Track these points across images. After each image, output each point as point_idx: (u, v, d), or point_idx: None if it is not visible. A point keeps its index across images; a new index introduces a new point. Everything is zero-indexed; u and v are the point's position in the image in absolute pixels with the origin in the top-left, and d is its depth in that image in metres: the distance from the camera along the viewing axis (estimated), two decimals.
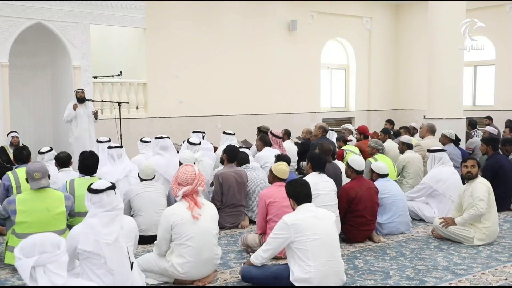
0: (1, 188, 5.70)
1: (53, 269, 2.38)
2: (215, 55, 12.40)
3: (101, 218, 3.50)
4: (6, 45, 9.48)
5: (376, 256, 4.95)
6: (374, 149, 7.17)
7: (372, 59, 15.54)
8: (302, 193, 3.97)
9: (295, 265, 3.77)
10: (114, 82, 11.23)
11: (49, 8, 9.85)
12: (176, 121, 11.90)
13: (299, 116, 14.01)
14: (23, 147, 6.35)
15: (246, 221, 6.15)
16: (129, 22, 11.04)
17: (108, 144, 6.75)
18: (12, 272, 4.45)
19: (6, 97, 9.58)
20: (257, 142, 7.78)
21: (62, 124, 9.93)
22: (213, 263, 4.23)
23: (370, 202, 5.36)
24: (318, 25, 14.22)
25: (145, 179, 5.52)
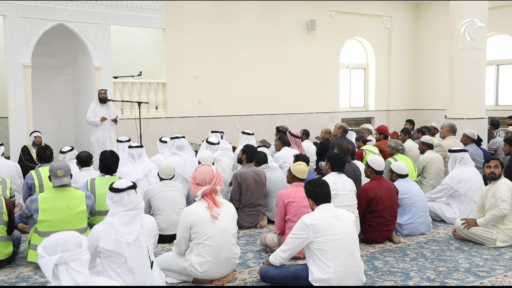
0: (24, 186, 5.81)
1: (75, 267, 2.41)
2: (234, 55, 12.43)
3: (121, 217, 3.53)
4: (29, 46, 9.65)
5: (396, 257, 4.91)
6: (394, 149, 7.11)
7: (392, 58, 15.41)
8: (321, 193, 3.96)
9: (314, 265, 3.76)
10: (134, 82, 11.33)
11: (71, 9, 9.99)
12: (195, 121, 11.96)
13: (318, 116, 13.96)
14: (46, 146, 6.45)
15: (264, 221, 6.14)
16: (149, 22, 11.13)
17: (128, 144, 6.81)
18: (35, 270, 4.52)
19: (28, 97, 9.74)
20: (276, 142, 7.77)
21: (83, 124, 10.06)
22: (232, 263, 4.23)
23: (390, 202, 5.32)
24: (337, 25, 14.15)
25: (165, 179, 5.55)
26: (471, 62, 9.33)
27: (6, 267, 4.63)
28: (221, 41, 12.23)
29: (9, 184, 5.63)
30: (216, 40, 12.16)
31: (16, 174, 6.68)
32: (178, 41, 11.61)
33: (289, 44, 13.31)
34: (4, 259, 4.60)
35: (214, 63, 12.13)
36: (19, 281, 4.29)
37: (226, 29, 12.31)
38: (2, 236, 4.57)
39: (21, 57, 9.60)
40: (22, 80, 9.63)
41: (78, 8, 10.07)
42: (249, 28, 12.66)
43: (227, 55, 12.33)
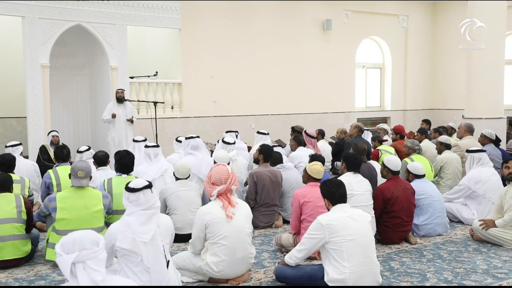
0: (42, 186, 5.88)
1: (92, 265, 2.43)
2: (249, 55, 12.44)
3: (138, 217, 3.55)
4: (47, 47, 9.76)
5: (413, 258, 4.87)
6: (410, 149, 7.06)
7: (409, 57, 15.28)
8: (337, 193, 3.94)
9: (329, 266, 3.75)
10: (150, 82, 11.40)
11: (88, 10, 10.08)
12: (210, 120, 12.00)
13: (333, 115, 13.91)
14: (63, 146, 6.52)
15: (280, 221, 6.14)
16: (165, 23, 11.19)
17: (144, 144, 6.86)
18: (53, 268, 4.57)
19: (47, 97, 9.86)
20: (291, 141, 7.76)
21: (100, 124, 10.15)
22: (247, 262, 4.24)
23: (407, 202, 5.28)
24: (353, 24, 14.09)
25: (180, 178, 5.57)
26: (489, 61, 9.22)
27: (25, 265, 4.70)
28: (236, 41, 12.25)
29: (27, 183, 5.71)
30: (232, 40, 12.18)
31: (35, 173, 6.76)
32: (194, 41, 11.66)
33: (304, 44, 13.29)
34: (23, 257, 4.66)
35: (229, 63, 12.15)
36: (37, 279, 4.34)
37: (242, 29, 12.33)
38: (21, 234, 4.63)
39: (40, 58, 9.71)
40: (41, 80, 9.75)
41: (95, 9, 10.16)
42: (265, 27, 12.66)
43: (242, 55, 12.34)
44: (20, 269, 4.60)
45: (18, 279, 4.36)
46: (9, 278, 4.37)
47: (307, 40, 13.33)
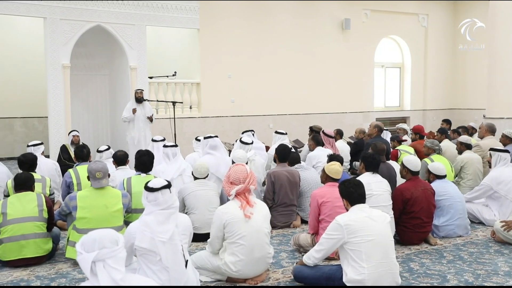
0: (63, 185, 5.96)
1: (112, 264, 2.45)
2: (267, 54, 12.44)
3: (156, 216, 3.57)
4: (68, 47, 9.90)
5: (433, 259, 4.82)
6: (430, 149, 6.98)
7: (429, 57, 15.14)
8: (355, 193, 3.91)
9: (348, 266, 3.72)
10: (169, 82, 11.48)
11: (108, 11, 10.19)
12: (228, 120, 12.03)
13: (352, 115, 13.84)
14: (83, 145, 6.59)
15: (298, 221, 6.12)
16: (184, 23, 11.25)
17: (163, 143, 6.90)
18: (73, 266, 4.62)
19: (67, 97, 10.00)
20: (309, 141, 7.73)
21: (119, 123, 10.25)
22: (266, 262, 4.23)
23: (426, 203, 5.22)
24: (372, 23, 14.00)
25: (199, 178, 5.59)
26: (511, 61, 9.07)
27: (46, 263, 4.76)
28: (255, 41, 12.26)
29: (48, 182, 5.78)
30: (250, 40, 12.19)
31: (56, 172, 6.85)
32: (212, 41, 11.70)
33: (323, 43, 13.24)
34: (44, 255, 4.72)
35: (247, 63, 12.17)
36: (58, 277, 4.40)
37: (260, 29, 12.33)
38: (42, 232, 4.69)
39: (61, 58, 9.85)
40: (61, 80, 9.89)
41: (115, 9, 10.27)
42: (283, 27, 12.65)
43: (260, 55, 12.35)
44: (41, 267, 4.66)
45: (40, 276, 4.42)
46: (31, 276, 4.44)
47: (325, 40, 13.28)
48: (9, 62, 11.71)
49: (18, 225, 4.59)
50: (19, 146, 11.22)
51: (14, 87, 11.79)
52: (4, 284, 4.27)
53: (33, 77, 11.68)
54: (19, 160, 5.78)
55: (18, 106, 11.90)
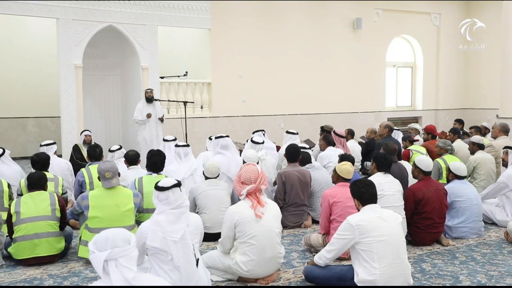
0: (76, 184, 6.00)
1: (124, 263, 2.46)
2: (278, 54, 12.43)
3: (167, 216, 3.57)
4: (80, 48, 9.97)
5: (445, 260, 4.78)
6: (442, 149, 6.93)
7: (441, 56, 15.03)
8: (367, 193, 3.90)
9: (359, 267, 3.71)
10: (180, 82, 11.51)
11: (120, 11, 10.25)
12: (239, 120, 12.04)
13: (363, 115, 13.79)
14: (95, 145, 6.64)
15: (309, 221, 6.11)
16: (195, 23, 11.28)
17: (174, 143, 6.92)
18: (86, 265, 4.66)
19: (80, 97, 10.07)
20: (320, 141, 7.71)
21: (131, 123, 10.30)
22: (277, 262, 4.23)
23: (439, 203, 5.18)
24: (383, 23, 13.94)
25: (210, 178, 5.60)
26: None
27: (59, 261, 4.80)
28: (266, 41, 12.25)
29: (61, 181, 5.83)
30: (261, 40, 12.19)
31: (68, 171, 6.90)
32: (223, 41, 11.72)
33: (334, 43, 13.21)
34: (57, 254, 4.76)
35: (258, 63, 12.17)
36: (70, 276, 4.44)
37: (271, 29, 12.33)
38: (55, 231, 4.73)
39: (73, 58, 9.92)
40: (74, 80, 9.96)
41: (127, 9, 10.33)
42: (294, 27, 12.64)
43: (271, 55, 12.35)
44: (54, 265, 4.70)
45: (53, 275, 4.46)
46: (44, 274, 4.48)
47: (336, 39, 13.25)
48: (22, 63, 11.82)
49: (31, 224, 4.63)
50: (32, 146, 11.32)
51: (27, 87, 11.90)
52: (18, 282, 4.31)
53: (46, 77, 11.78)
54: (32, 159, 5.83)
55: (31, 106, 12.01)
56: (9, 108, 11.72)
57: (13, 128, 11.98)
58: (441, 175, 6.64)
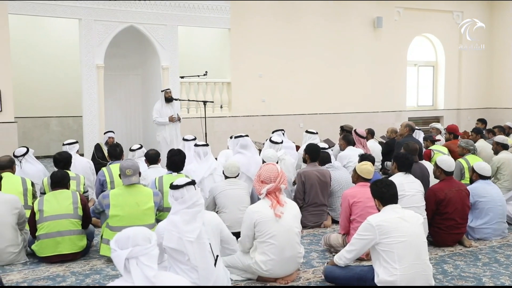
0: (97, 183, 6.07)
1: (145, 261, 2.48)
2: (298, 54, 12.40)
3: (183, 216, 3.57)
4: (102, 48, 10.08)
5: (467, 261, 4.72)
6: (464, 149, 6.84)
7: (463, 55, 14.81)
8: (388, 193, 3.87)
9: (380, 267, 3.68)
10: (200, 82, 11.56)
11: (141, 12, 10.34)
12: (258, 119, 12.04)
13: (383, 115, 13.67)
14: (116, 144, 6.71)
15: (328, 221, 6.09)
16: (215, 23, 11.32)
17: (194, 142, 6.95)
18: (107, 263, 4.71)
19: (101, 97, 10.18)
20: (340, 141, 7.67)
21: (151, 123, 10.37)
22: (296, 262, 4.23)
23: (461, 204, 5.11)
24: (404, 21, 13.79)
25: (230, 177, 5.61)
26: None
27: (81, 259, 4.86)
28: (285, 40, 12.23)
29: (82, 180, 5.90)
30: (281, 40, 12.17)
31: (90, 170, 6.97)
32: (243, 41, 11.73)
33: (354, 42, 13.12)
34: (79, 252, 4.83)
35: (278, 63, 12.16)
36: (92, 273, 4.49)
37: (291, 28, 12.30)
38: (77, 229, 4.80)
39: (95, 59, 10.04)
40: (95, 80, 10.08)
41: (147, 10, 10.41)
42: (314, 26, 12.59)
43: (291, 54, 12.32)
44: (76, 263, 4.77)
45: (75, 272, 4.52)
46: (66, 272, 4.54)
47: (357, 39, 13.16)
48: (45, 63, 12.01)
49: (54, 222, 4.70)
50: (55, 145, 11.50)
51: (50, 87, 12.09)
52: (41, 279, 4.38)
53: (68, 78, 11.95)
54: (54, 158, 5.92)
55: (54, 105, 12.20)
56: (32, 108, 11.92)
57: (37, 128, 12.18)
58: (463, 175, 6.56)
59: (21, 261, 4.79)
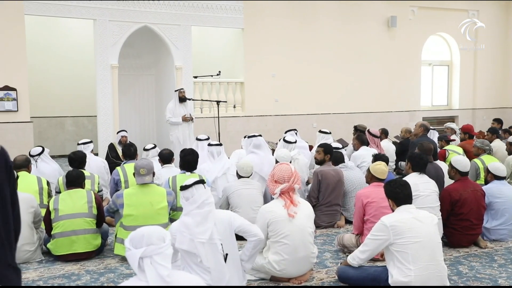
0: (111, 182, 6.12)
1: (159, 260, 2.49)
2: (311, 53, 12.37)
3: (194, 217, 3.58)
4: (116, 48, 10.15)
5: (483, 262, 4.67)
6: (480, 150, 6.77)
7: (479, 54, 14.66)
8: (402, 193, 3.84)
9: (394, 268, 3.66)
10: (213, 82, 11.59)
11: (154, 12, 10.39)
12: (271, 119, 12.04)
13: (397, 114, 13.58)
14: (130, 144, 6.75)
15: (342, 221, 6.06)
16: (228, 23, 11.34)
17: (207, 142, 6.96)
18: (121, 262, 4.74)
19: (115, 96, 10.25)
20: (354, 141, 7.64)
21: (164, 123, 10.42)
22: (310, 262, 4.22)
23: (476, 205, 5.06)
24: (419, 20, 13.69)
25: (243, 177, 5.61)
26: None
27: (95, 258, 4.90)
28: (298, 40, 12.21)
29: (97, 179, 5.95)
30: (294, 39, 12.16)
31: (104, 170, 7.03)
32: (256, 41, 11.73)
33: (368, 42, 13.06)
34: (94, 250, 4.86)
35: (291, 62, 12.14)
36: (106, 272, 4.52)
37: (304, 28, 12.27)
38: (91, 228, 4.83)
39: (109, 59, 10.11)
40: (110, 80, 10.15)
41: (161, 10, 10.47)
42: (327, 26, 12.55)
43: (304, 54, 12.29)
44: (91, 261, 4.80)
45: (89, 271, 4.56)
46: (81, 270, 4.58)
47: (370, 38, 13.09)
48: (60, 64, 12.13)
49: (69, 221, 4.74)
50: (70, 144, 11.60)
51: (65, 88, 12.21)
52: (56, 277, 4.43)
53: (83, 78, 12.06)
54: (69, 157, 5.98)
55: (69, 105, 12.32)
56: (48, 107, 12.04)
57: (52, 127, 12.31)
58: (478, 175, 6.49)
59: (37, 259, 4.85)
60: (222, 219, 3.72)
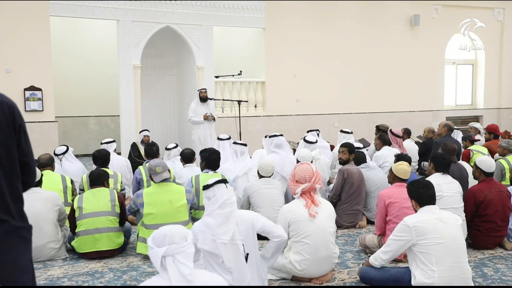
0: (134, 181, 6.19)
1: (181, 259, 2.50)
2: (332, 52, 12.31)
3: (216, 218, 3.58)
4: (138, 48, 10.25)
5: (508, 264, 4.59)
6: (505, 150, 6.64)
7: (505, 53, 14.40)
8: (425, 194, 3.80)
9: (417, 269, 3.62)
10: (234, 82, 11.62)
11: (177, 12, 10.47)
12: (292, 119, 12.02)
13: (420, 114, 13.43)
14: (153, 143, 6.82)
15: (364, 221, 6.02)
16: (250, 22, 11.35)
17: (228, 142, 6.99)
18: (143, 260, 4.79)
19: (138, 96, 10.36)
20: (376, 141, 7.58)
21: (186, 122, 10.49)
22: (331, 262, 4.20)
23: (501, 206, 4.97)
24: (443, 19, 13.51)
25: (264, 176, 5.62)
26: None
27: (118, 256, 4.95)
28: (320, 40, 12.16)
29: (120, 178, 6.01)
30: (315, 39, 12.11)
31: (127, 169, 7.10)
32: (278, 40, 11.72)
33: (390, 40, 12.93)
34: (117, 248, 4.92)
35: (313, 62, 12.10)
36: (129, 270, 4.57)
37: (326, 27, 12.22)
38: (114, 227, 4.89)
39: (132, 59, 10.22)
40: (132, 80, 10.26)
41: (183, 10, 10.54)
42: (349, 25, 12.47)
43: (326, 53, 12.24)
44: (114, 259, 4.86)
45: (113, 269, 4.61)
46: (105, 268, 4.64)
47: (393, 37, 12.97)
48: (84, 64, 12.29)
49: (92, 219, 4.80)
50: (93, 144, 11.76)
51: (88, 88, 12.37)
52: (81, 274, 4.49)
53: (106, 78, 12.21)
54: (93, 155, 6.07)
55: (92, 105, 12.48)
56: (72, 107, 12.22)
57: (76, 127, 12.49)
58: (504, 176, 6.37)
59: (62, 256, 4.92)
60: (244, 219, 3.71)
